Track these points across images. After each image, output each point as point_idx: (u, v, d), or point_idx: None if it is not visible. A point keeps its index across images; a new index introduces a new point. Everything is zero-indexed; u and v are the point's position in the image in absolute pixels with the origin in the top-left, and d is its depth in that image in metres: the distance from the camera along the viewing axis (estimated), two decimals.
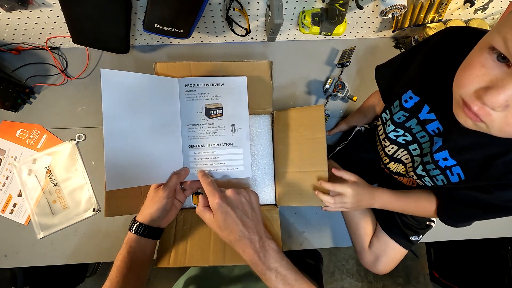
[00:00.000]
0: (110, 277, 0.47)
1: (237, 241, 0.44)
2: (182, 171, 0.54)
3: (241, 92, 0.57)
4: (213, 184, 0.48)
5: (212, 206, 0.46)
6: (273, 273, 0.42)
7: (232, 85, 0.56)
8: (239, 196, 0.47)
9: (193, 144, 0.55)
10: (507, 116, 0.30)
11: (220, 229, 0.45)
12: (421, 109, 0.48)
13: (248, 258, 0.44)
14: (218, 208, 0.45)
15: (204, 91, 0.55)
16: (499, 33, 0.28)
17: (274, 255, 0.43)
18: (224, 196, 0.46)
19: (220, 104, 0.56)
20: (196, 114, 0.55)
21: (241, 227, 0.44)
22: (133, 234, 0.49)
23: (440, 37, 0.46)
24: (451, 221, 0.55)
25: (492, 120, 0.31)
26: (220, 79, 0.56)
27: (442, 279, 1.22)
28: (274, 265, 0.42)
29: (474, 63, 0.31)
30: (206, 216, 0.47)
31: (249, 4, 0.69)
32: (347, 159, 0.73)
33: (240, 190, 0.49)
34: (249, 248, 0.43)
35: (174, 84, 0.55)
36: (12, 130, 0.76)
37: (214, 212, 0.45)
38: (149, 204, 0.50)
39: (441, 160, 0.47)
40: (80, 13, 0.65)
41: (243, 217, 0.45)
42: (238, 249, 0.45)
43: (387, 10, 0.65)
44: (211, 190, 0.47)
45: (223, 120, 0.56)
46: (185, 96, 0.55)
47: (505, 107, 0.29)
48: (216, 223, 0.45)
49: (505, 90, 0.28)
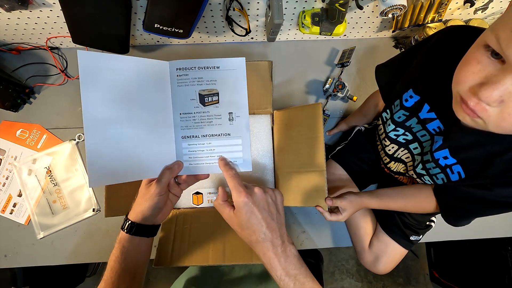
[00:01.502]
0: (105, 278, 0.45)
1: (258, 243, 0.42)
2: (175, 165, 0.49)
3: (239, 76, 0.50)
4: (238, 178, 0.44)
5: (236, 203, 0.43)
6: (291, 280, 0.40)
7: (229, 67, 0.50)
8: (266, 195, 0.44)
9: (186, 135, 0.50)
10: (502, 111, 0.30)
11: (240, 228, 0.43)
12: (421, 108, 0.48)
13: (268, 261, 0.41)
14: (243, 206, 0.42)
15: (197, 75, 0.49)
16: (493, 31, 0.29)
17: (295, 262, 0.41)
18: (251, 194, 0.43)
19: (216, 90, 0.50)
20: (189, 101, 0.50)
21: (265, 229, 0.42)
22: (125, 233, 0.47)
23: (440, 36, 0.46)
24: (451, 218, 0.55)
25: (489, 116, 0.31)
26: (215, 61, 0.49)
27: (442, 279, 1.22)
28: (293, 271, 0.40)
29: (471, 60, 0.32)
30: (225, 211, 0.44)
31: (249, 4, 0.69)
32: (347, 159, 0.73)
33: (267, 189, 0.45)
34: (270, 251, 0.41)
35: (164, 68, 0.49)
36: (12, 130, 0.76)
37: (238, 210, 0.42)
38: (140, 202, 0.48)
39: (442, 158, 0.47)
40: (80, 13, 0.65)
41: (268, 219, 0.42)
42: (258, 251, 0.42)
43: (387, 10, 0.65)
44: (236, 185, 0.43)
45: (220, 107, 0.50)
46: (176, 81, 0.49)
47: (500, 102, 0.30)
48: (238, 221, 0.43)
49: (498, 85, 0.29)
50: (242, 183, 0.44)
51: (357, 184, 0.73)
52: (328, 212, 0.59)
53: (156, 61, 0.48)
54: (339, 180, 0.72)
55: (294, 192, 0.60)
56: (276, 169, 0.64)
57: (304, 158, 0.58)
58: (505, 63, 0.29)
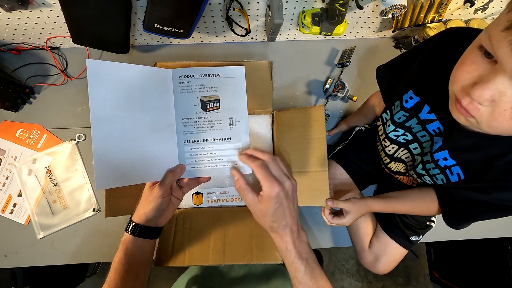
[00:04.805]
0: (108, 279, 0.46)
1: (279, 229, 0.44)
2: (177, 169, 0.51)
3: (239, 83, 0.53)
4: (267, 168, 0.45)
5: (268, 192, 0.43)
6: (303, 263, 0.42)
7: (230, 75, 0.53)
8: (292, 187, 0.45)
9: (188, 139, 0.52)
10: (494, 110, 0.31)
11: (263, 215, 0.44)
12: (421, 109, 0.48)
13: (285, 245, 0.43)
14: (275, 197, 0.43)
15: (199, 82, 0.52)
16: (486, 31, 0.30)
17: (306, 247, 0.44)
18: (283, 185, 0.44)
19: (217, 96, 0.53)
20: (192, 107, 0.52)
21: (288, 218, 0.44)
22: (129, 235, 0.48)
23: (440, 38, 0.46)
24: (452, 221, 0.55)
25: (481, 115, 0.32)
26: (216, 69, 0.53)
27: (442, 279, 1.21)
28: (305, 255, 0.43)
29: (466, 59, 0.33)
30: (249, 197, 0.45)
31: (249, 4, 0.69)
32: (347, 159, 0.73)
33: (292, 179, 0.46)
34: (288, 236, 0.43)
35: (167, 75, 0.51)
36: (12, 130, 0.76)
37: (268, 199, 0.43)
38: (144, 204, 0.49)
39: (441, 159, 0.47)
40: (80, 13, 0.65)
41: (291, 208, 0.45)
42: (276, 235, 0.44)
43: (387, 10, 0.65)
44: (267, 176, 0.44)
45: (220, 113, 0.53)
46: (179, 88, 0.52)
47: (491, 101, 0.30)
48: (263, 208, 0.44)
49: (489, 85, 0.29)
50: (272, 174, 0.45)
51: (357, 184, 0.73)
52: (331, 215, 0.59)
53: (159, 69, 0.51)
54: (339, 180, 0.73)
55: None
56: None
57: (306, 159, 0.58)
58: (497, 63, 0.29)
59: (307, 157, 0.58)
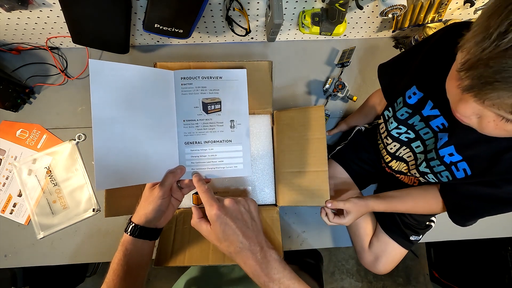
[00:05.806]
0: (107, 280, 0.46)
1: (237, 253, 0.42)
2: (177, 170, 0.51)
3: (241, 86, 0.54)
4: (210, 193, 0.45)
5: (210, 217, 0.43)
6: (276, 284, 0.40)
7: (231, 78, 0.54)
8: (238, 205, 0.45)
9: (189, 141, 0.52)
10: (481, 121, 0.34)
11: (218, 241, 0.43)
12: (424, 105, 0.48)
13: (250, 270, 0.42)
14: (216, 219, 0.42)
15: (201, 84, 0.52)
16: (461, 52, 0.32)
17: (276, 266, 0.41)
18: (222, 206, 0.43)
19: (219, 99, 0.53)
20: (193, 109, 0.52)
21: (241, 238, 0.42)
22: (128, 236, 0.47)
23: (443, 33, 0.46)
24: (459, 218, 0.54)
25: (473, 123, 0.35)
26: (218, 71, 0.53)
27: (442, 279, 1.21)
28: (276, 276, 0.41)
29: (453, 74, 0.35)
30: (203, 228, 0.44)
31: (249, 4, 0.69)
32: (347, 158, 0.73)
33: (239, 199, 0.46)
34: (250, 259, 0.41)
35: (169, 77, 0.52)
36: (12, 130, 0.76)
37: (212, 224, 0.43)
38: (143, 205, 0.49)
39: (447, 155, 0.47)
40: (80, 13, 0.65)
41: (243, 228, 0.43)
42: (239, 261, 0.43)
43: (387, 10, 0.65)
44: (208, 200, 0.44)
45: (222, 115, 0.53)
46: (181, 89, 0.52)
47: (476, 115, 0.34)
48: (215, 235, 0.43)
49: (467, 105, 0.32)
50: (214, 197, 0.45)
51: (357, 184, 0.73)
52: (332, 215, 0.58)
53: (161, 70, 0.51)
54: (339, 179, 0.73)
55: (295, 192, 0.60)
56: (276, 169, 0.64)
57: (306, 159, 0.58)
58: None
59: (307, 157, 0.58)
